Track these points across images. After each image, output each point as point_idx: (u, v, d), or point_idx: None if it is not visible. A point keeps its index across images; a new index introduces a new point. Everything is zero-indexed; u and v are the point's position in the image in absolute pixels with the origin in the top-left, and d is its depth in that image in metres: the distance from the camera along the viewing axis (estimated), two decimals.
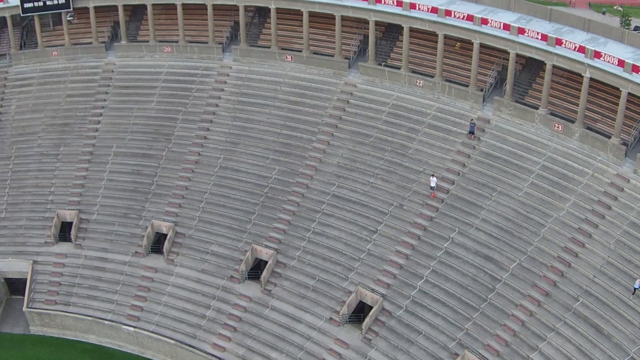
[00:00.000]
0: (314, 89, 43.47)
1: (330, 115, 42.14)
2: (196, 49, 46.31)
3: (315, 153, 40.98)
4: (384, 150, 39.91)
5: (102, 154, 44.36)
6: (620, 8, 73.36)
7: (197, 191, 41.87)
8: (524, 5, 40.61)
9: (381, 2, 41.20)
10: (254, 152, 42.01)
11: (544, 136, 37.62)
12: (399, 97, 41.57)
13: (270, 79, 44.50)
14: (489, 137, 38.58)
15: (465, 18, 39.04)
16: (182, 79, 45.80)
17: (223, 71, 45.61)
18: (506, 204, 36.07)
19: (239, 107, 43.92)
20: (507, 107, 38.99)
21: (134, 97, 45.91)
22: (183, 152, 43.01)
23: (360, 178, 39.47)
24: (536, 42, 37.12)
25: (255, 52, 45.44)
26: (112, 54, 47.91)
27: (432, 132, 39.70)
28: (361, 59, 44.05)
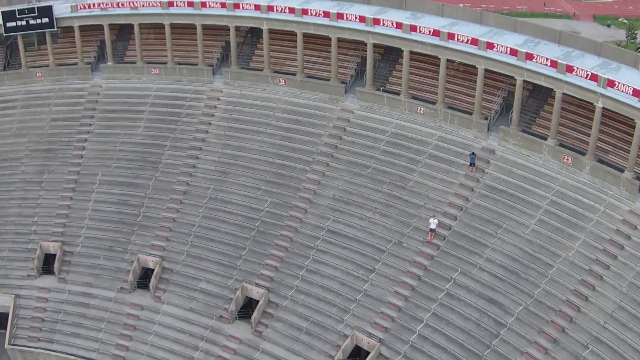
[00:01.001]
0: (309, 115, 41.10)
1: (326, 144, 39.70)
2: (185, 71, 43.81)
3: (309, 184, 38.55)
4: (383, 182, 37.44)
5: (86, 182, 42.30)
6: (626, 20, 70.62)
7: (185, 224, 39.63)
8: (530, 27, 37.97)
9: (379, 23, 38.72)
10: (245, 183, 39.71)
11: (552, 169, 35.00)
12: (398, 125, 39.08)
13: (263, 104, 42.10)
14: (494, 169, 36.04)
15: (469, 42, 36.32)
16: (170, 102, 43.47)
17: (213, 95, 43.25)
18: (512, 242, 33.55)
19: (230, 134, 41.52)
20: (513, 137, 36.42)
21: (120, 121, 43.73)
22: (171, 182, 40.76)
23: (357, 212, 37.05)
24: (545, 68, 34.47)
25: (247, 75, 43.07)
26: (98, 76, 45.58)
27: (433, 164, 37.17)
28: (358, 82, 41.65)
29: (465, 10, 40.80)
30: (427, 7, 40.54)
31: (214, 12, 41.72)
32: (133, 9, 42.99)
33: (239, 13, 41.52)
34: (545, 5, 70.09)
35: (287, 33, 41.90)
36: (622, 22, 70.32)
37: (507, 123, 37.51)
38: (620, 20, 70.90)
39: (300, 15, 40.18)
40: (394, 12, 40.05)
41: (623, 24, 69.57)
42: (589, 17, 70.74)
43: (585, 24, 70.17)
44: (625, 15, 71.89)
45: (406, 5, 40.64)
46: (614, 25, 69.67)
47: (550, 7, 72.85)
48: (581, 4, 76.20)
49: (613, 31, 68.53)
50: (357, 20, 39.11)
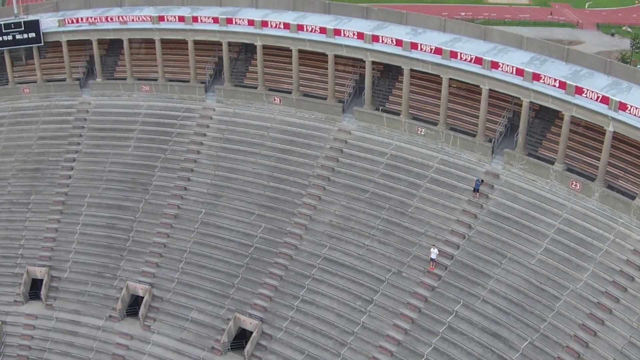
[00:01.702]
0: (305, 136, 38.76)
1: (322, 166, 37.32)
2: (177, 88, 41.47)
3: (305, 209, 36.26)
4: (381, 207, 35.13)
5: (74, 204, 39.99)
6: (630, 29, 68.22)
7: (176, 249, 37.38)
8: (536, 44, 35.52)
9: (378, 40, 36.26)
10: (238, 207, 37.39)
11: (560, 195, 32.64)
12: (398, 147, 36.70)
13: (257, 124, 39.81)
14: (498, 195, 33.65)
15: (473, 60, 33.87)
16: (161, 121, 41.20)
17: (205, 113, 40.88)
18: (517, 272, 31.30)
19: (222, 155, 39.23)
20: (518, 160, 34.01)
21: (109, 140, 41.33)
22: (161, 205, 38.48)
23: (354, 239, 34.72)
24: (553, 90, 31.94)
25: (241, 92, 40.65)
26: (87, 92, 43.39)
27: (434, 188, 34.83)
28: (357, 101, 39.31)
29: (469, 25, 38.42)
30: (429, 22, 38.10)
31: (206, 28, 39.47)
32: (122, 24, 40.77)
33: (232, 28, 39.20)
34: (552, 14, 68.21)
35: (282, 49, 39.53)
36: (626, 30, 67.99)
37: (512, 145, 35.09)
38: (624, 29, 68.42)
39: (296, 31, 37.87)
40: (394, 27, 37.79)
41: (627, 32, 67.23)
42: (593, 26, 68.03)
43: (588, 32, 67.56)
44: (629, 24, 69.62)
45: (406, 20, 38.34)
46: (618, 34, 67.17)
47: (553, 15, 71.18)
48: (584, 12, 73.62)
49: (617, 40, 66.19)
50: (354, 36, 36.76)
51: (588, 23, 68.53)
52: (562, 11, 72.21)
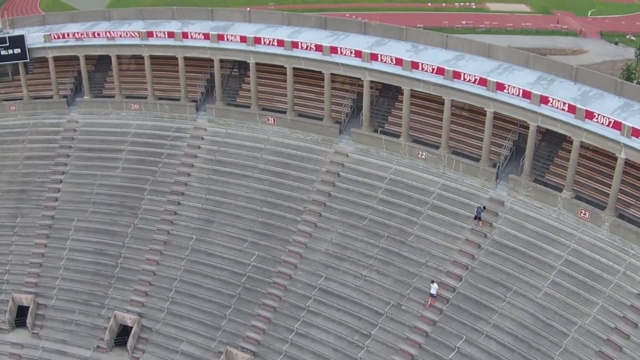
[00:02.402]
0: (300, 158, 36.28)
1: (318, 191, 34.87)
2: (167, 107, 39.03)
3: (300, 237, 33.84)
4: (380, 236, 32.69)
5: (61, 228, 37.69)
6: (634, 38, 65.62)
7: (166, 277, 34.99)
8: (544, 63, 33.00)
9: (377, 59, 33.69)
10: (230, 233, 34.95)
11: (568, 224, 30.34)
12: (397, 171, 34.19)
13: (250, 145, 37.24)
14: (503, 224, 31.28)
15: (477, 82, 31.24)
16: (150, 141, 38.72)
17: (197, 134, 38.39)
18: (522, 307, 29.02)
19: (214, 178, 36.73)
20: (524, 187, 31.55)
21: (97, 161, 39.02)
22: (150, 230, 36.16)
23: (351, 270, 32.38)
24: (562, 114, 29.43)
25: (233, 112, 38.06)
26: (75, 110, 40.90)
27: (436, 216, 32.34)
28: (354, 121, 36.71)
29: (472, 42, 35.55)
30: (430, 38, 35.55)
31: (196, 44, 36.94)
32: (110, 39, 38.25)
33: (223, 45, 36.67)
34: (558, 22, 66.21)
35: (277, 67, 36.92)
36: (630, 39, 65.63)
37: (517, 169, 32.60)
38: (628, 38, 65.91)
39: (290, 49, 35.28)
40: (393, 43, 35.25)
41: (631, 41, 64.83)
42: (596, 34, 65.23)
43: (592, 41, 64.85)
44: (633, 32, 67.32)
45: (406, 36, 35.70)
46: (622, 43, 64.53)
47: (556, 24, 67.98)
48: (587, 20, 70.75)
49: (621, 49, 63.61)
50: (352, 55, 34.21)
51: (591, 31, 65.79)
52: (564, 19, 69.36)
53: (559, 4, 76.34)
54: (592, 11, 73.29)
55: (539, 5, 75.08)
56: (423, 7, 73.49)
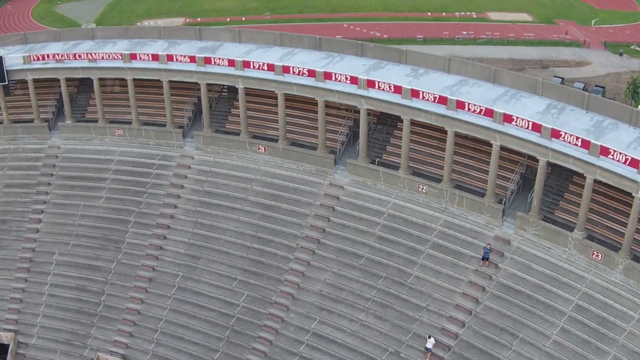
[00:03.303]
0: (292, 190, 33.04)
1: (312, 227, 31.77)
2: (152, 133, 35.83)
3: (292, 276, 30.87)
4: (378, 276, 29.65)
5: (42, 262, 34.79)
6: (638, 48, 62.52)
7: (151, 317, 32.13)
8: (553, 89, 29.73)
9: (374, 86, 30.49)
10: (219, 271, 31.97)
11: (579, 266, 27.43)
12: (396, 206, 31.05)
13: (240, 175, 33.99)
14: (510, 265, 28.32)
15: (483, 112, 28.01)
16: (135, 169, 35.60)
17: (183, 162, 35.20)
18: (530, 356, 26.13)
19: (202, 210, 33.62)
20: (533, 225, 28.57)
21: (80, 190, 35.80)
22: (135, 266, 33.21)
23: (347, 313, 29.39)
24: (574, 149, 26.35)
25: (222, 140, 34.88)
26: (57, 135, 37.77)
27: (437, 255, 29.33)
28: (350, 150, 33.51)
29: (476, 66, 32.18)
30: (431, 61, 32.24)
31: (182, 67, 33.62)
32: (91, 61, 34.99)
33: (210, 69, 33.32)
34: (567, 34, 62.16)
35: (267, 93, 33.61)
36: (635, 49, 62.33)
37: (524, 204, 29.39)
38: (632, 48, 61.68)
39: (281, 74, 31.93)
40: (392, 66, 31.91)
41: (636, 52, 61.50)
42: (600, 45, 60.17)
43: (596, 52, 59.89)
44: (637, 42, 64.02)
45: (406, 58, 32.25)
46: (627, 54, 60.36)
47: (558, 34, 62.60)
48: (590, 29, 65.87)
49: (626, 60, 59.32)
50: (347, 81, 30.87)
51: (595, 41, 61.16)
52: (567, 29, 65.13)
53: (562, 13, 71.66)
54: (595, 20, 70.45)
55: (542, 15, 70.28)
56: (423, 16, 68.09)
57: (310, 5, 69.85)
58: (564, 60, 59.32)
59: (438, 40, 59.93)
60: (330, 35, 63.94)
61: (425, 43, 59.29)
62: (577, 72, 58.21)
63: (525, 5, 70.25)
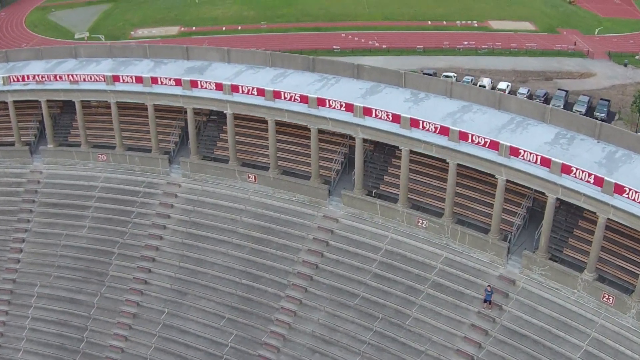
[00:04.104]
0: (284, 223, 30.44)
1: (304, 262, 29.27)
2: (137, 159, 33.17)
3: (283, 316, 28.47)
4: (374, 317, 27.28)
5: (23, 294, 32.28)
6: None
7: (135, 356, 29.67)
8: (562, 117, 27.26)
9: (371, 114, 27.84)
10: (206, 308, 29.53)
11: (588, 309, 24.99)
12: (394, 241, 28.55)
13: (228, 205, 31.48)
14: (515, 307, 25.87)
15: (488, 145, 25.42)
16: (119, 197, 33.04)
17: (170, 190, 32.57)
18: None
19: (188, 243, 31.00)
20: (539, 265, 26.11)
21: (62, 218, 33.33)
22: (119, 301, 30.77)
23: (341, 356, 26.98)
24: (586, 187, 23.84)
25: (210, 167, 32.22)
26: (39, 159, 35.12)
27: (438, 295, 26.88)
28: (345, 179, 30.79)
29: (480, 91, 29.63)
30: (432, 85, 29.72)
31: (167, 91, 31.00)
32: (73, 83, 32.41)
33: (197, 93, 30.74)
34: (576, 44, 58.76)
35: (257, 119, 31.04)
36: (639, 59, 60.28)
37: (531, 241, 26.82)
38: (637, 58, 58.59)
39: (272, 99, 29.31)
40: (390, 90, 29.35)
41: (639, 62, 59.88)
42: (604, 55, 57.38)
43: (600, 62, 56.97)
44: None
45: (405, 81, 29.66)
46: (631, 64, 57.56)
47: (561, 43, 59.21)
48: (594, 38, 62.92)
49: (631, 71, 56.57)
50: (342, 108, 28.26)
51: (599, 51, 58.04)
52: (570, 38, 62.02)
53: (565, 21, 68.75)
54: (599, 29, 67.71)
55: (544, 23, 67.00)
56: (423, 25, 64.78)
57: (308, 14, 66.91)
58: (567, 72, 56.25)
59: (438, 51, 57.47)
60: (328, 45, 61.34)
61: (426, 54, 57.00)
62: (581, 84, 55.41)
63: (528, 13, 67.51)
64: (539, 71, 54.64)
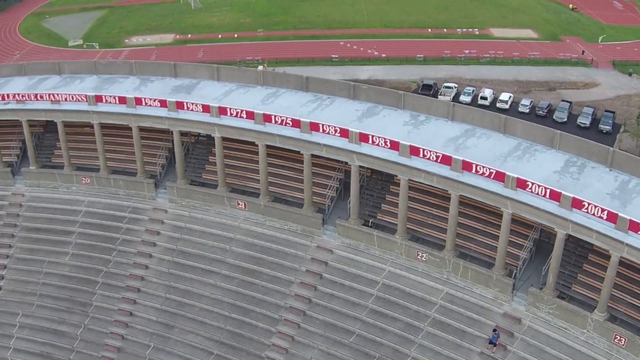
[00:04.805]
0: (275, 253, 28.16)
1: (297, 296, 27.10)
2: (122, 182, 30.91)
3: (274, 353, 26.17)
4: (371, 356, 25.05)
5: (5, 323, 30.10)
6: None
7: None
8: (572, 142, 25.03)
9: (368, 141, 25.54)
10: (193, 343, 27.40)
11: (598, 350, 22.86)
12: (392, 275, 26.41)
13: (217, 233, 29.15)
14: (520, 347, 23.65)
15: (493, 176, 23.08)
16: (104, 223, 30.64)
17: (156, 216, 30.38)
18: None
19: (175, 273, 28.78)
20: (547, 303, 23.95)
21: (45, 244, 30.96)
22: (103, 333, 28.54)
23: None
24: (599, 223, 21.61)
25: (197, 193, 29.93)
26: (21, 181, 32.85)
27: (438, 334, 24.61)
28: (340, 206, 28.45)
29: (484, 114, 27.13)
30: (433, 106, 27.44)
31: (152, 113, 28.76)
32: (54, 103, 30.03)
33: (183, 115, 28.34)
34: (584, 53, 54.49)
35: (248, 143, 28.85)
36: None
37: (537, 275, 24.63)
38: None
39: (262, 123, 27.05)
40: (388, 112, 27.10)
41: None
42: (608, 64, 53.31)
43: (604, 72, 52.88)
44: None
45: (404, 103, 27.44)
46: (636, 74, 53.98)
47: (565, 52, 55.14)
48: (598, 46, 58.50)
49: (635, 81, 52.63)
50: (337, 133, 25.98)
51: (602, 60, 54.20)
52: (573, 46, 58.17)
53: (568, 29, 64.35)
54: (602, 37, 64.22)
55: (547, 31, 62.55)
56: (423, 33, 60.75)
57: (306, 21, 63.82)
58: (571, 82, 52.62)
59: (439, 60, 54.15)
60: (326, 54, 57.79)
61: (426, 63, 53.84)
62: (585, 94, 52.12)
63: (530, 21, 64.13)
64: (542, 81, 51.23)
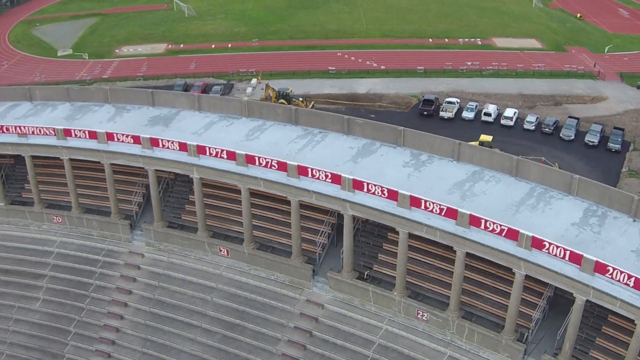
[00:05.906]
0: (261, 306, 24.74)
1: (284, 356, 23.47)
2: (95, 223, 27.43)
3: None
4: None
5: None
6: None
7: None
8: (592, 189, 21.65)
9: (363, 189, 21.87)
10: None
11: None
12: (389, 335, 22.86)
13: (198, 282, 25.65)
14: None
15: (504, 233, 19.81)
16: (76, 267, 27.20)
17: (132, 261, 26.93)
18: None
19: (152, 325, 25.44)
20: None
21: (14, 288, 27.49)
22: None
23: None
24: (624, 290, 18.25)
25: (176, 237, 26.51)
26: None
27: None
28: (333, 255, 24.90)
29: (493, 155, 23.51)
30: (435, 145, 23.86)
31: (125, 150, 25.31)
32: (21, 136, 26.48)
33: (158, 154, 24.86)
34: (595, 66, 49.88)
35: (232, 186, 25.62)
36: None
37: (550, 336, 20.91)
38: None
39: (244, 165, 23.50)
40: (386, 150, 23.66)
41: None
42: (615, 75, 49.50)
43: (611, 84, 48.87)
44: None
45: (404, 140, 23.97)
46: None
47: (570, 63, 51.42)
48: (604, 57, 54.28)
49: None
50: (328, 179, 22.38)
51: (609, 71, 50.12)
52: (579, 57, 53.84)
53: (573, 39, 59.70)
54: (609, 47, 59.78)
55: (551, 40, 58.05)
56: (424, 43, 56.76)
57: (302, 31, 59.71)
58: (577, 96, 48.24)
59: (440, 72, 50.32)
60: (322, 66, 53.64)
61: (427, 75, 49.90)
62: (592, 109, 47.94)
63: (534, 30, 60.17)
64: (548, 95, 47.27)
